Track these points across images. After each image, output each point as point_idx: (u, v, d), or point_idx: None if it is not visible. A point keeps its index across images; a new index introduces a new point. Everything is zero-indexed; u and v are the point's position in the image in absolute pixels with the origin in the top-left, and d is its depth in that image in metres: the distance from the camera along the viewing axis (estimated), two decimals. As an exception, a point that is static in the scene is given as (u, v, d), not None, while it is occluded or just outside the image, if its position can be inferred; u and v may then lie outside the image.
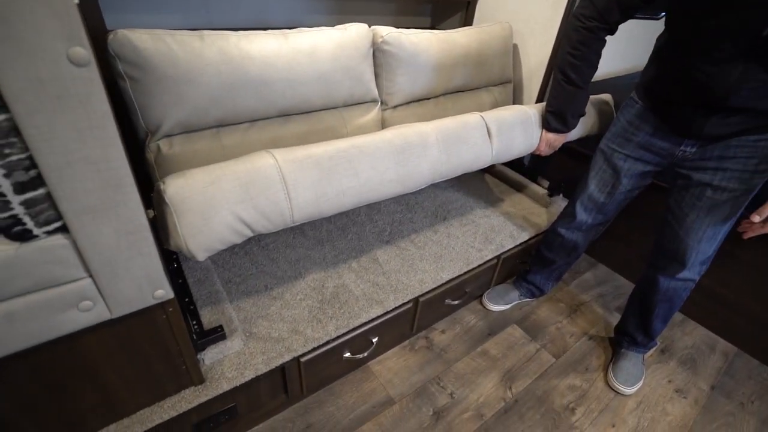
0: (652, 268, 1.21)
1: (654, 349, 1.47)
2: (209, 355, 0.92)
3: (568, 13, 1.54)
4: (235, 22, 1.54)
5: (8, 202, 0.49)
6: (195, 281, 1.11)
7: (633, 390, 1.29)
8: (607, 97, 1.49)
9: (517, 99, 1.85)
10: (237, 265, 1.21)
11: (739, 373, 1.42)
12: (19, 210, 0.50)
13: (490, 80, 1.66)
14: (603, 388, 1.32)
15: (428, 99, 1.50)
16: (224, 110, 1.05)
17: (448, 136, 0.93)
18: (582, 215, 1.27)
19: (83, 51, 0.45)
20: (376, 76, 1.34)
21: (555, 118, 1.19)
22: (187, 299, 1.01)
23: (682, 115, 0.97)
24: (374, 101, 1.36)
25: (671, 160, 1.07)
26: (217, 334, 0.92)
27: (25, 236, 0.53)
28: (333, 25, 1.81)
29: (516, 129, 1.10)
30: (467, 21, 1.94)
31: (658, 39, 1.03)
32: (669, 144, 1.04)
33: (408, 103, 1.44)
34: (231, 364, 0.93)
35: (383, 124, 1.40)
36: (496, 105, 1.69)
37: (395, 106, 1.41)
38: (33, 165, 0.49)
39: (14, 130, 0.46)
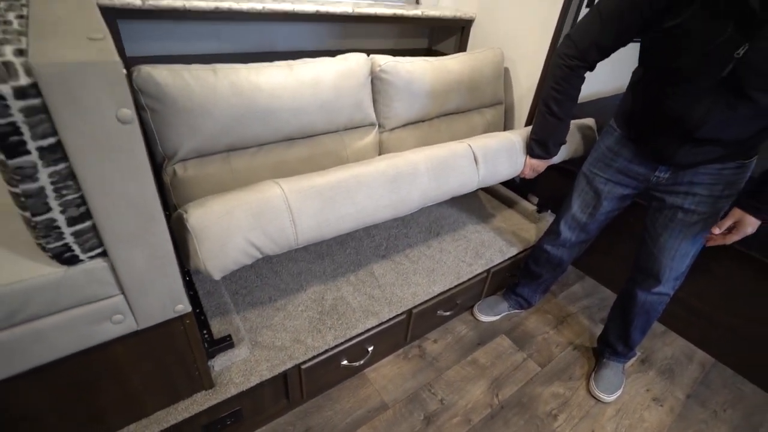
0: (630, 283, 1.30)
1: (634, 359, 1.55)
2: (219, 362, 1.01)
3: (556, 40, 1.65)
4: (244, 47, 1.65)
5: (62, 233, 0.59)
6: (205, 293, 1.20)
7: (613, 398, 1.38)
8: (590, 121, 1.59)
9: (508, 119, 1.96)
10: (243, 278, 1.30)
11: (715, 382, 1.51)
12: (69, 239, 0.60)
13: (482, 103, 1.77)
14: (585, 396, 1.40)
15: (423, 121, 1.60)
16: (234, 137, 1.15)
17: (437, 164, 1.03)
18: (566, 233, 1.37)
19: (129, 112, 0.55)
20: (374, 101, 1.45)
21: (538, 145, 1.29)
22: (198, 310, 1.11)
23: (657, 144, 1.07)
24: (372, 125, 1.46)
25: (647, 185, 1.16)
26: (226, 342, 1.01)
27: (73, 261, 0.62)
28: (339, 48, 1.93)
29: (501, 156, 1.20)
30: (462, 43, 2.06)
31: (634, 73, 1.13)
32: (645, 170, 1.14)
33: (404, 125, 1.54)
34: (238, 370, 1.02)
35: (381, 146, 1.51)
36: (488, 126, 1.80)
37: (392, 129, 1.51)
38: (83, 202, 0.59)
39: (71, 175, 0.56)
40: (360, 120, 1.40)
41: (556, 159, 1.39)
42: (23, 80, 0.48)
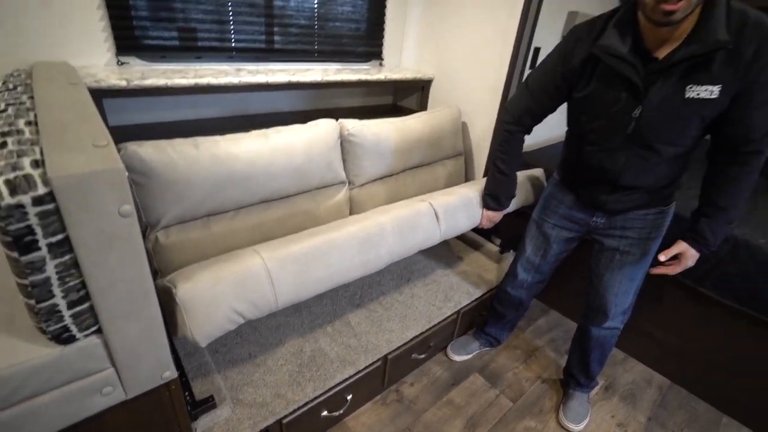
0: (583, 319, 1.43)
1: (597, 387, 1.66)
2: (202, 424, 1.04)
3: (505, 97, 1.86)
4: (221, 113, 1.77)
5: (62, 316, 0.65)
6: (186, 354, 1.24)
7: (580, 427, 1.47)
8: (538, 172, 1.78)
9: (468, 167, 2.14)
10: (223, 336, 1.34)
11: (671, 404, 1.63)
12: (68, 321, 0.66)
13: (443, 155, 1.94)
14: (555, 428, 1.48)
15: (390, 176, 1.74)
16: (214, 203, 1.24)
17: (402, 223, 1.15)
18: (522, 275, 1.50)
19: (129, 207, 0.63)
20: (344, 161, 1.58)
21: (491, 199, 1.44)
22: (179, 372, 1.14)
23: (590, 193, 1.23)
24: (343, 183, 1.58)
25: (588, 229, 1.32)
26: (209, 404, 1.04)
27: (70, 340, 0.68)
28: (311, 107, 2.07)
29: (460, 211, 1.34)
30: (423, 99, 2.26)
31: (567, 131, 1.31)
32: (584, 215, 1.29)
33: (373, 181, 1.68)
34: (221, 430, 1.05)
35: (351, 201, 1.62)
36: (450, 176, 1.96)
37: (362, 185, 1.64)
38: (83, 286, 0.65)
39: (75, 264, 0.63)
40: (331, 179, 1.52)
41: (510, 208, 1.54)
42: (41, 190, 0.56)
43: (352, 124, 1.55)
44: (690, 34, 0.90)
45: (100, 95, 1.23)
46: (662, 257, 1.16)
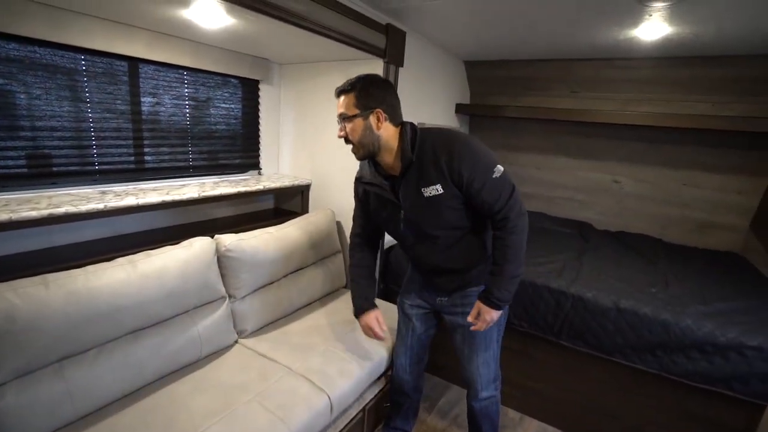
0: (466, 396, 1.56)
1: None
2: None
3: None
4: (83, 237, 1.62)
5: None
6: None
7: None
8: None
9: (346, 263, 2.30)
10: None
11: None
12: None
13: (322, 255, 2.08)
14: None
15: (272, 283, 1.79)
16: (69, 346, 1.12)
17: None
18: (401, 358, 1.62)
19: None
20: (222, 276, 1.59)
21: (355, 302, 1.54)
22: None
23: (426, 276, 1.45)
24: (222, 298, 1.58)
25: (437, 307, 1.50)
26: None
27: None
28: (190, 221, 2.03)
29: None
30: (304, 202, 2.43)
31: None
32: (430, 294, 1.49)
33: (254, 291, 1.70)
34: None
35: (233, 314, 1.61)
36: (330, 274, 2.09)
37: (243, 297, 1.65)
38: None
39: None
40: (209, 296, 1.51)
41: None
42: None
43: (229, 240, 1.60)
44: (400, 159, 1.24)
45: None
46: (469, 318, 1.32)
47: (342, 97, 1.22)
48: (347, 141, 1.24)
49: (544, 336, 1.91)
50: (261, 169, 2.41)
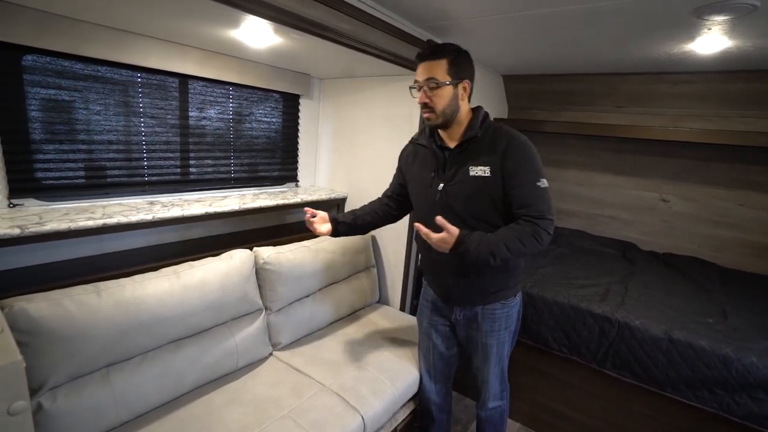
0: (475, 406, 1.54)
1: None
2: None
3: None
4: (130, 245, 1.69)
5: None
6: None
7: None
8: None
9: (381, 278, 2.28)
10: None
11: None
12: None
13: (356, 269, 2.07)
14: None
15: (307, 296, 1.80)
16: (116, 353, 1.16)
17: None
18: (425, 378, 1.58)
19: (24, 404, 0.61)
20: (260, 287, 1.61)
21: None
22: None
23: (437, 279, 1.41)
24: (259, 310, 1.59)
25: (453, 322, 1.44)
26: None
27: None
28: (230, 231, 2.06)
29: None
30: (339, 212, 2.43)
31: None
32: (444, 306, 1.43)
33: (290, 304, 1.71)
34: None
35: (269, 327, 1.62)
36: (363, 288, 2.07)
37: (279, 310, 1.66)
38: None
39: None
40: (246, 309, 1.53)
41: None
42: None
43: (267, 253, 1.62)
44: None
45: (-15, 246, 1.14)
46: (438, 219, 1.15)
47: (428, 62, 1.20)
48: (426, 107, 1.22)
49: (587, 363, 1.81)
50: (298, 181, 2.45)
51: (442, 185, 1.27)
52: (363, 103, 2.24)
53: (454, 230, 1.14)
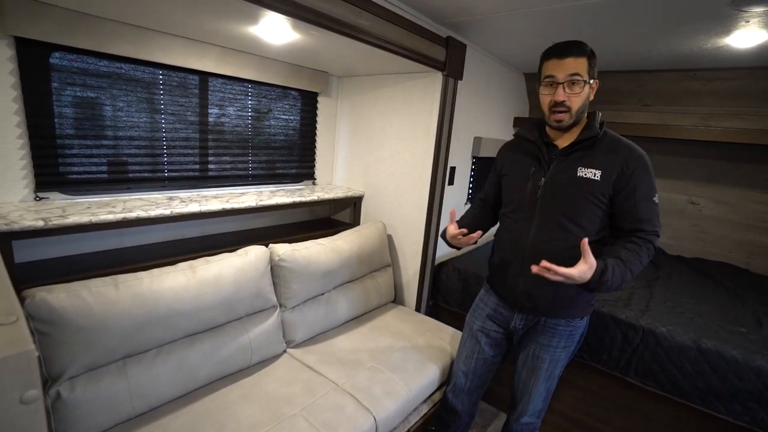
0: (508, 413, 1.49)
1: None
2: None
3: (429, 213, 2.07)
4: (149, 239, 1.72)
5: None
6: None
7: None
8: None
9: (397, 278, 2.26)
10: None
11: None
12: None
13: (372, 268, 2.05)
14: None
15: (322, 294, 1.79)
16: (132, 345, 1.18)
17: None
18: (460, 379, 1.53)
19: (36, 392, 0.61)
20: (275, 284, 1.61)
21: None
22: None
23: (505, 282, 1.34)
24: (274, 307, 1.59)
25: (509, 330, 1.40)
26: None
27: None
28: (246, 227, 2.09)
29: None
30: (356, 213, 2.43)
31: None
32: (506, 312, 1.39)
33: (304, 302, 1.70)
34: None
35: (283, 324, 1.62)
36: (379, 287, 2.06)
37: (293, 307, 1.66)
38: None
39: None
40: (261, 305, 1.53)
41: None
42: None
43: (282, 250, 1.62)
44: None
45: (9, 238, 1.17)
46: (585, 240, 1.07)
47: (571, 58, 1.14)
48: (561, 106, 1.16)
49: (609, 371, 1.74)
50: (315, 179, 2.45)
51: (543, 180, 1.24)
52: (381, 101, 2.22)
53: (593, 261, 1.06)
